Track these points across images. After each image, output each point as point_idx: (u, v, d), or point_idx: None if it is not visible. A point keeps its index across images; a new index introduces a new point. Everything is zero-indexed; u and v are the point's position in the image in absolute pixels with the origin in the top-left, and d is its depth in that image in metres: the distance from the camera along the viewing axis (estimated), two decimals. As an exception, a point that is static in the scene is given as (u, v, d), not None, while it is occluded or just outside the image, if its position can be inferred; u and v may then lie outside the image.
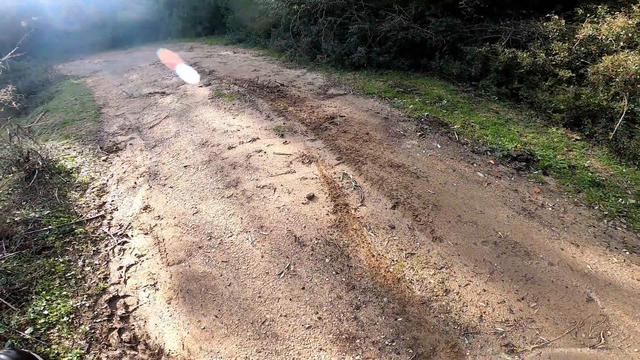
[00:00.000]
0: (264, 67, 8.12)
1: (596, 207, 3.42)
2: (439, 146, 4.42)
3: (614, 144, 4.22)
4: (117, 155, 4.72)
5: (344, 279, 2.72)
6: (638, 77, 4.14)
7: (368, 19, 7.36)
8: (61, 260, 2.96)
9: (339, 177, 3.84)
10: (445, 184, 3.72)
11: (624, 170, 3.94)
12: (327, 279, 2.72)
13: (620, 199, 3.48)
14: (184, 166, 4.30)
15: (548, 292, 2.57)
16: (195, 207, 3.58)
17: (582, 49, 5.12)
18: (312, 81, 6.89)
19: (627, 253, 2.90)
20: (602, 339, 2.28)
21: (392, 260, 2.85)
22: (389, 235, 3.08)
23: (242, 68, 8.12)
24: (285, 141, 4.61)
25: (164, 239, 3.22)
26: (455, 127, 4.84)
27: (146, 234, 3.32)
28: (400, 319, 2.42)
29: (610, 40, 4.78)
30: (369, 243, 3.02)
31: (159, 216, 3.52)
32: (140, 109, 6.21)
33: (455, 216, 3.27)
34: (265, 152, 4.38)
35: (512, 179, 3.83)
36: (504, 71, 5.82)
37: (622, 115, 4.18)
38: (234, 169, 4.12)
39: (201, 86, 6.97)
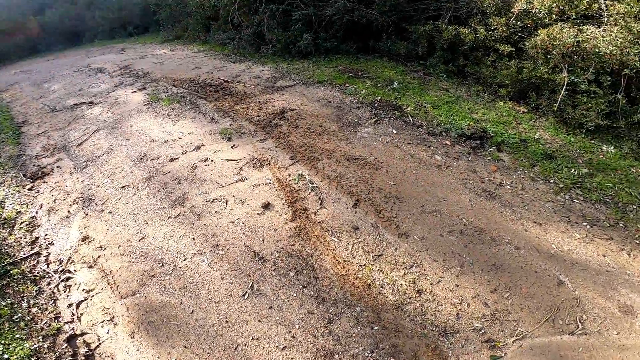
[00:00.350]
0: (206, 63, 7.57)
1: (552, 181, 3.48)
2: (394, 132, 4.31)
3: (559, 115, 4.34)
4: (44, 182, 4.18)
5: (312, 293, 2.55)
6: (574, 49, 4.25)
7: (311, 3, 7.03)
8: (3, 303, 2.72)
9: (295, 179, 3.60)
10: (405, 172, 3.61)
11: (572, 140, 4.06)
12: (295, 295, 2.55)
13: (573, 170, 3.57)
14: (122, 187, 3.86)
15: (519, 279, 2.55)
16: (141, 232, 3.24)
17: (519, 23, 5.20)
18: (258, 74, 6.51)
19: (588, 227, 2.96)
20: (580, 324, 2.27)
21: (360, 265, 2.70)
22: (353, 238, 2.92)
23: (181, 67, 7.51)
24: (234, 145, 4.27)
25: (111, 271, 2.93)
26: (408, 109, 4.76)
27: (90, 267, 3.01)
28: (376, 328, 2.32)
29: (543, 13, 4.87)
30: (334, 249, 2.84)
31: (101, 246, 3.18)
32: (65, 123, 5.53)
33: (419, 207, 3.17)
34: (212, 160, 4.03)
35: (469, 158, 3.81)
36: (449, 49, 5.83)
37: (564, 87, 4.29)
38: (179, 184, 3.75)
39: (135, 91, 6.34)
